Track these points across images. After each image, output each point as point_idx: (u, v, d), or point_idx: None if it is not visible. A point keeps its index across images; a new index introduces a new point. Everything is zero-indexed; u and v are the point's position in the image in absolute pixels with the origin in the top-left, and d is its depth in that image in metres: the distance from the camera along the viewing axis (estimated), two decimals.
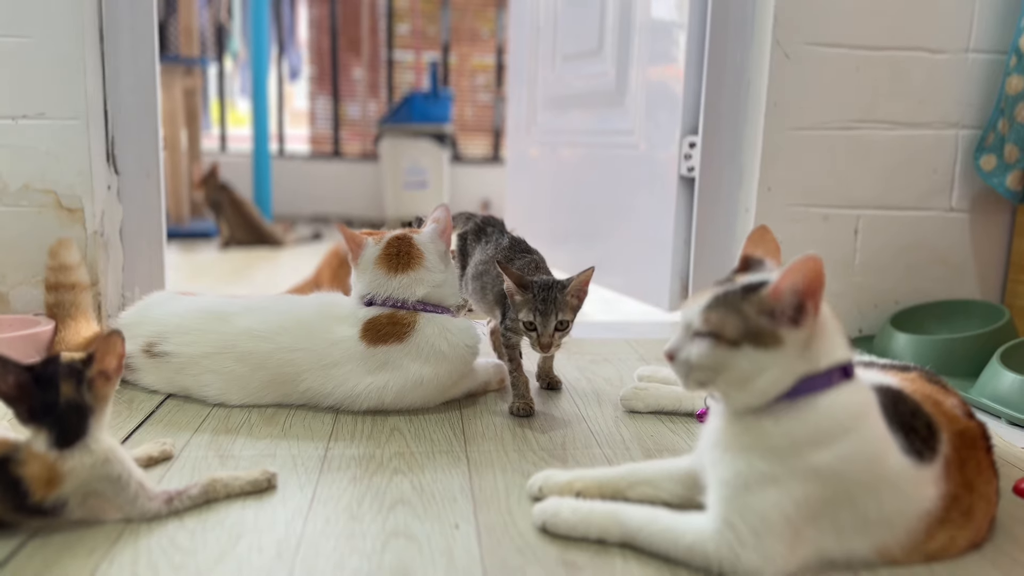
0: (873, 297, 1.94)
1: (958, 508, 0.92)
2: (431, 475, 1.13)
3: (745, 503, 0.86)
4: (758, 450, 0.87)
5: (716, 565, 0.87)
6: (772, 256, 0.99)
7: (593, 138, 2.58)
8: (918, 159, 1.90)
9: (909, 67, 1.86)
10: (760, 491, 0.86)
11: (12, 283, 1.78)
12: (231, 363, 1.38)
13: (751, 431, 0.88)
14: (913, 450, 0.89)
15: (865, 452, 0.87)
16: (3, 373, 0.90)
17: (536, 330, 1.32)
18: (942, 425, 0.94)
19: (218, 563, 0.89)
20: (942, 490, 0.90)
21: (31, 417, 0.92)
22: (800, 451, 0.86)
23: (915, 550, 0.91)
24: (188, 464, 1.16)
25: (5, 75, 1.72)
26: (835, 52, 1.83)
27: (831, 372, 0.87)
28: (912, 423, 0.92)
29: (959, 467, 0.92)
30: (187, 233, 4.42)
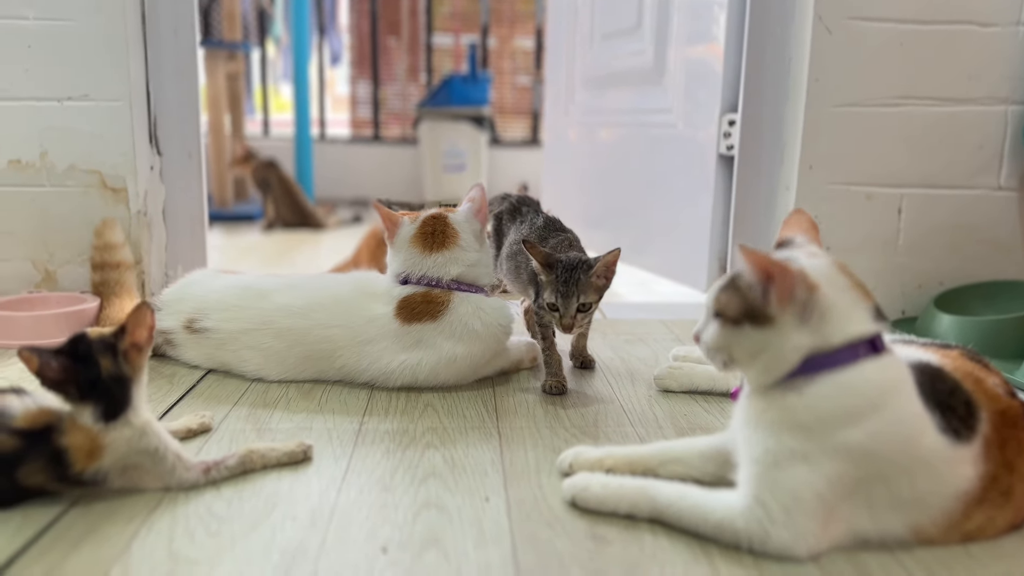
0: (917, 278, 1.90)
1: (997, 488, 0.90)
2: (463, 450, 1.14)
3: (775, 480, 0.85)
4: (786, 426, 0.86)
5: (746, 542, 0.86)
6: (809, 234, 0.98)
7: (631, 117, 2.56)
8: (965, 136, 1.84)
9: (957, 41, 1.80)
10: (790, 468, 0.85)
11: (60, 261, 1.84)
12: (269, 339, 1.41)
13: (777, 407, 0.88)
14: (950, 428, 0.87)
15: (897, 430, 0.85)
16: (45, 361, 0.93)
17: (558, 311, 1.31)
18: (982, 404, 0.92)
19: (253, 530, 0.91)
20: (980, 470, 0.88)
21: (81, 396, 0.95)
22: (828, 428, 0.85)
23: (951, 530, 0.89)
24: (226, 436, 1.18)
25: (51, 58, 1.76)
26: (879, 27, 1.79)
27: (853, 347, 0.86)
28: (950, 401, 0.90)
29: (999, 447, 0.90)
30: (231, 216, 4.49)
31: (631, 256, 2.53)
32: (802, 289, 0.86)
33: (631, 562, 0.86)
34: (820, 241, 0.98)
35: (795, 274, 0.85)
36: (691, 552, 0.88)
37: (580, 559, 0.86)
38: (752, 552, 0.87)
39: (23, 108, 1.78)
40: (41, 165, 1.80)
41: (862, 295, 0.90)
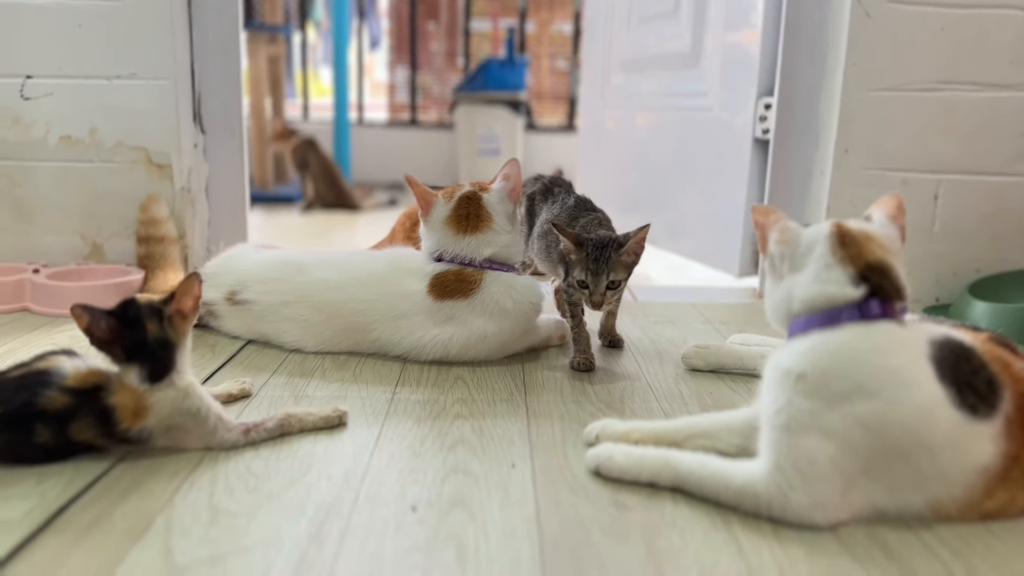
0: (952, 265, 1.89)
1: (1020, 468, 0.90)
2: (491, 420, 1.18)
3: (792, 445, 0.87)
4: (797, 382, 0.89)
5: (766, 507, 0.89)
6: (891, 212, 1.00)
7: (666, 101, 2.56)
8: (1004, 122, 1.82)
9: (998, 26, 1.78)
10: (805, 433, 0.87)
11: (107, 235, 1.90)
12: (307, 312, 1.45)
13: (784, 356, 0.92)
14: (967, 405, 0.88)
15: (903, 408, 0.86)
16: (95, 320, 0.98)
17: (588, 288, 1.33)
18: (1007, 385, 0.92)
19: (289, 488, 0.95)
20: (1000, 447, 0.89)
21: (127, 357, 0.99)
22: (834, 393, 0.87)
23: (971, 508, 0.90)
24: (265, 402, 1.23)
25: (100, 37, 1.82)
26: (919, 10, 1.77)
27: (833, 312, 0.91)
28: (972, 379, 0.90)
29: (1021, 426, 0.91)
30: (271, 197, 4.56)
31: (665, 241, 2.54)
32: (775, 241, 0.96)
33: (651, 528, 0.88)
34: (902, 220, 0.99)
35: (771, 226, 0.97)
36: (711, 520, 0.90)
37: (602, 523, 0.89)
38: (772, 518, 0.89)
39: (74, 86, 1.84)
40: (90, 141, 1.87)
41: (842, 260, 0.92)
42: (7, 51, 1.82)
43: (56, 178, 1.88)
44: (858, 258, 0.92)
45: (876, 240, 0.93)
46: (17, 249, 1.90)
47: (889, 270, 0.92)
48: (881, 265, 0.92)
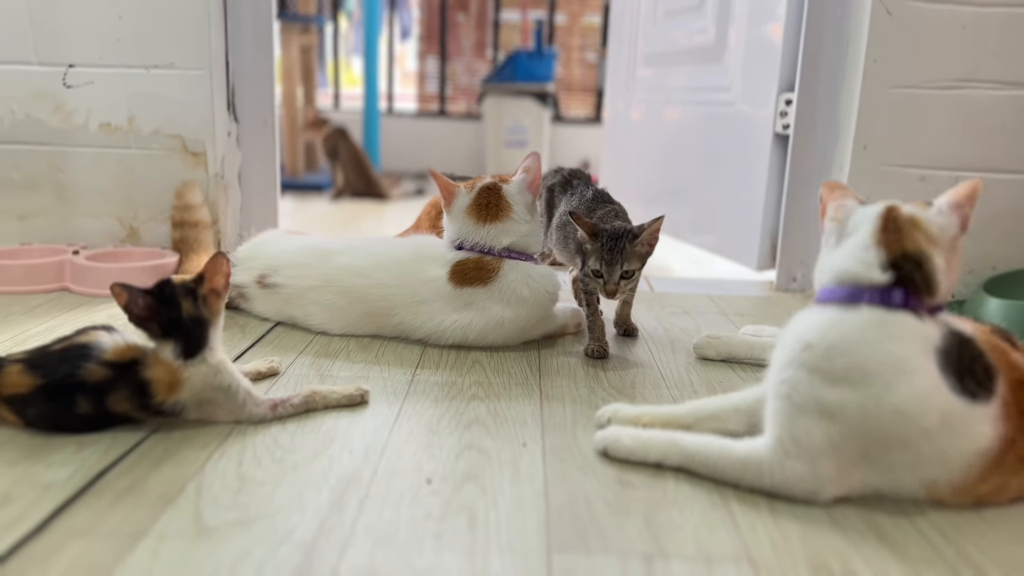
0: (969, 262, 1.90)
1: (1015, 452, 0.93)
2: (505, 402, 1.23)
3: (792, 417, 0.92)
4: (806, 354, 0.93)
5: (768, 477, 0.93)
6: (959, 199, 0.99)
7: (690, 95, 2.59)
8: None
9: (1021, 24, 1.79)
10: (809, 412, 0.91)
11: (143, 219, 1.98)
12: (333, 296, 1.51)
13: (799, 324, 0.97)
14: (967, 392, 0.91)
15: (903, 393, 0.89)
16: (133, 298, 1.04)
17: (602, 277, 1.38)
18: (1002, 371, 0.95)
19: (313, 460, 1.01)
20: (997, 430, 0.92)
21: (163, 333, 1.05)
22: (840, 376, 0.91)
23: (965, 492, 0.93)
24: (292, 380, 1.29)
25: (138, 29, 1.89)
26: (941, 8, 1.79)
27: (856, 290, 0.94)
28: (972, 366, 0.93)
29: (1018, 411, 0.94)
30: (301, 185, 4.64)
31: (688, 234, 2.57)
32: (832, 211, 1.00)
33: (653, 504, 0.93)
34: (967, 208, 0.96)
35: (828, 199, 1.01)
36: (710, 499, 0.94)
37: (606, 498, 0.93)
38: (772, 488, 0.93)
39: (114, 75, 1.91)
40: (128, 129, 1.94)
41: (879, 243, 0.93)
42: (51, 41, 1.89)
43: (95, 164, 1.96)
44: (895, 244, 0.93)
45: (923, 228, 0.93)
46: (58, 231, 1.98)
47: (926, 261, 0.92)
48: (918, 255, 0.92)
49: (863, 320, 0.92)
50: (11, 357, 1.08)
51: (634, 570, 0.80)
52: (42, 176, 1.96)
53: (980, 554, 0.85)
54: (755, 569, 0.81)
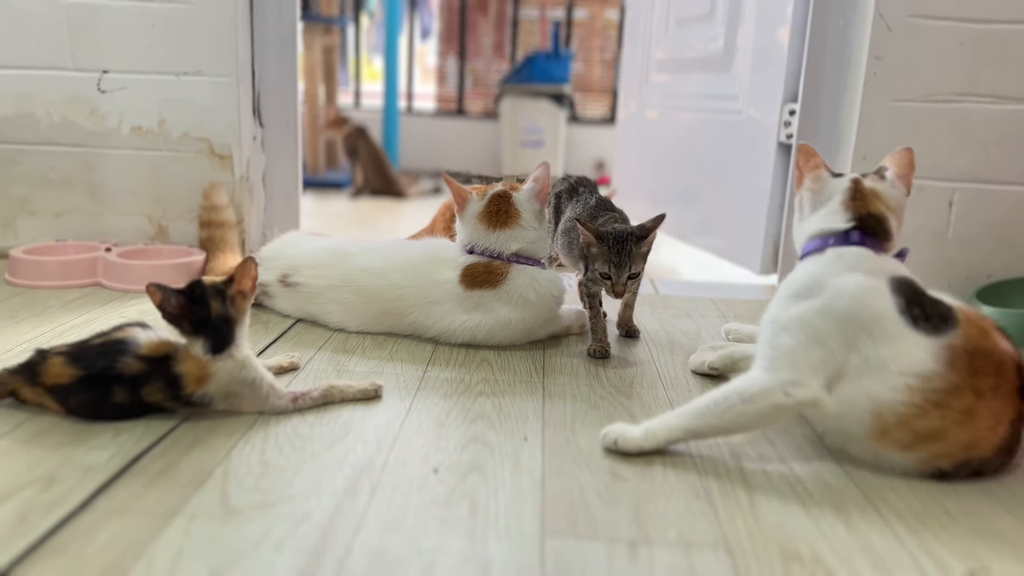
0: (965, 270, 1.96)
1: (959, 401, 1.02)
2: (510, 399, 1.31)
3: (774, 337, 1.10)
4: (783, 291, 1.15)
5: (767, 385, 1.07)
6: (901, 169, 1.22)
7: (700, 102, 2.65)
8: (1021, 134, 1.89)
9: (1019, 41, 1.84)
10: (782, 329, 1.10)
11: (172, 218, 2.08)
12: (350, 295, 1.60)
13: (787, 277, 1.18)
14: (909, 313, 1.05)
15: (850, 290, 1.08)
16: (166, 297, 1.13)
17: (611, 279, 1.45)
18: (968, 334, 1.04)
19: (330, 448, 1.09)
20: (941, 369, 1.02)
21: (193, 330, 1.14)
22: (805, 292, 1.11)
23: (905, 424, 1.03)
24: (311, 374, 1.38)
25: (169, 37, 1.98)
26: (940, 25, 1.85)
27: (826, 237, 1.16)
28: (924, 304, 1.07)
29: (970, 369, 1.02)
30: (322, 183, 4.74)
31: (695, 237, 2.64)
32: (810, 181, 1.22)
33: (641, 495, 1.01)
34: (910, 177, 1.22)
35: (805, 168, 1.22)
36: (694, 490, 1.02)
37: (598, 489, 1.02)
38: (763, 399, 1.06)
39: (146, 81, 2.01)
40: (159, 132, 2.04)
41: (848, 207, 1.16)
42: (87, 48, 1.99)
43: (127, 165, 2.06)
44: (861, 207, 1.16)
45: (882, 197, 1.17)
46: (91, 229, 2.09)
47: (883, 219, 1.16)
48: (877, 215, 1.16)
49: (826, 256, 1.14)
50: (54, 350, 1.17)
51: (619, 554, 0.88)
52: (76, 176, 2.06)
53: (940, 545, 0.93)
54: (731, 555, 0.89)
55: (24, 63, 2.00)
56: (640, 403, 1.32)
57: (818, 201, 1.21)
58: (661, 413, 1.24)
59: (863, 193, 1.17)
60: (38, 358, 1.16)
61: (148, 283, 1.13)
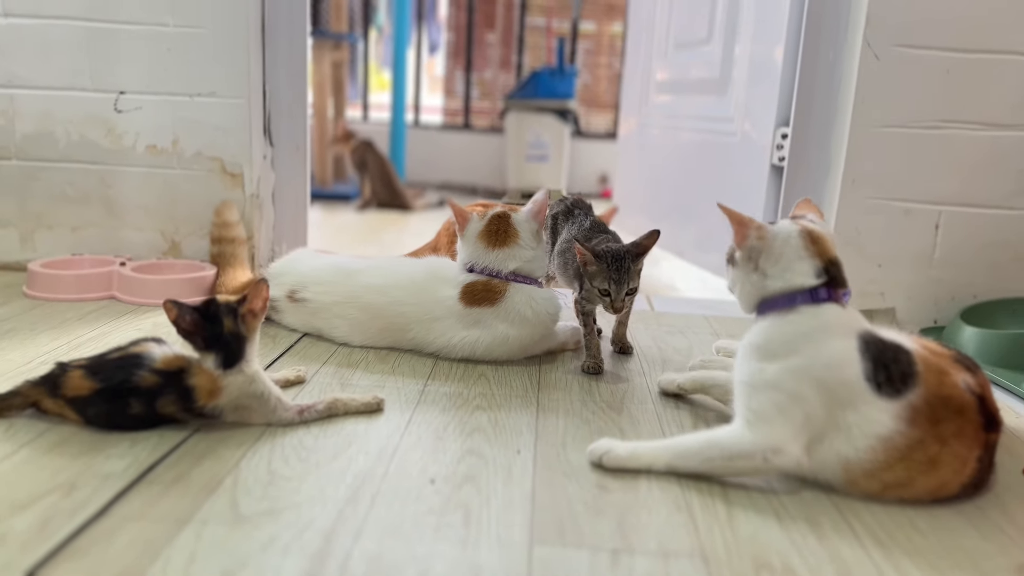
0: (951, 290, 2.02)
1: (923, 452, 1.08)
2: (506, 413, 1.37)
3: (752, 397, 1.12)
4: (755, 350, 1.15)
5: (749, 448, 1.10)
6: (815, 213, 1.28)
7: (697, 123, 2.72)
8: (1005, 159, 1.95)
9: (1002, 71, 1.91)
10: (760, 388, 1.12)
11: (184, 234, 2.15)
12: (355, 311, 1.67)
13: (751, 333, 1.18)
14: (874, 379, 1.09)
15: (826, 359, 1.10)
16: (181, 314, 1.19)
17: (610, 295, 1.52)
18: (928, 384, 1.09)
19: (333, 459, 1.16)
20: (902, 427, 1.07)
21: (206, 346, 1.21)
22: (780, 354, 1.12)
23: (873, 476, 1.09)
24: (317, 387, 1.45)
25: (184, 59, 2.06)
26: (925, 54, 1.91)
27: (793, 295, 1.14)
28: (888, 365, 1.10)
29: (930, 420, 1.08)
30: (330, 195, 4.82)
31: (692, 254, 2.71)
32: (754, 238, 1.17)
33: (625, 507, 1.07)
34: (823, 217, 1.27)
35: (751, 226, 1.17)
36: (675, 503, 1.08)
37: (584, 500, 1.08)
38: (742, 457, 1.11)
39: (161, 101, 2.09)
40: (173, 151, 2.12)
41: (812, 255, 1.15)
42: (105, 70, 2.07)
43: (142, 182, 2.13)
44: (823, 254, 1.16)
45: (829, 239, 1.18)
46: (106, 243, 2.16)
47: (839, 264, 1.17)
48: (835, 260, 1.17)
49: (798, 317, 1.14)
50: (73, 363, 1.24)
51: (602, 562, 0.94)
52: (93, 192, 2.14)
53: (906, 559, 0.98)
54: (707, 564, 0.95)
55: (45, 84, 2.08)
56: (630, 419, 1.38)
57: (771, 255, 1.17)
58: (649, 428, 1.31)
59: (815, 237, 1.16)
60: (59, 371, 1.23)
61: (165, 299, 1.19)
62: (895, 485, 1.10)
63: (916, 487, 1.10)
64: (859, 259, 2.01)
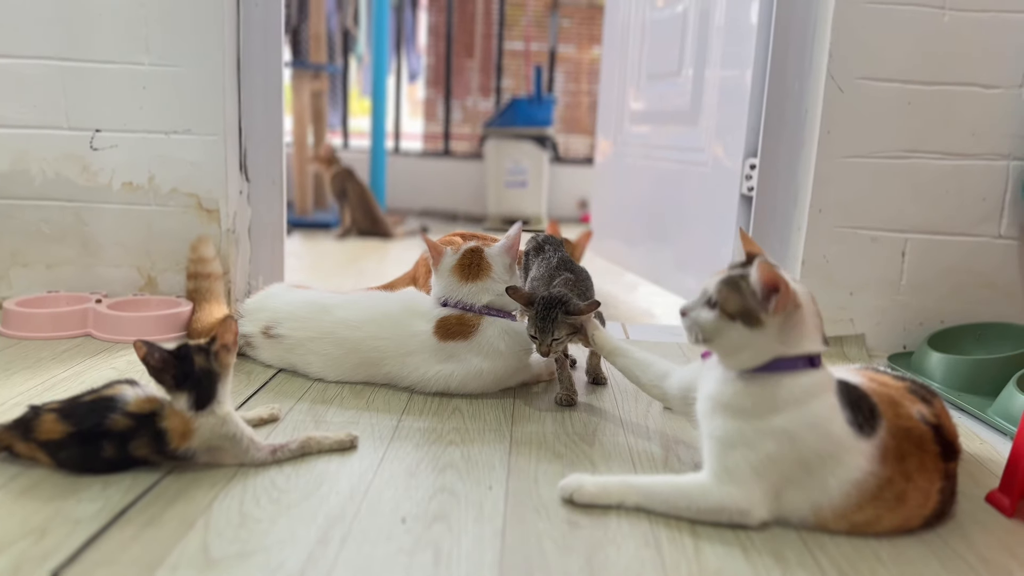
0: (919, 316, 2.06)
1: (892, 491, 1.10)
2: (479, 447, 1.39)
3: (725, 455, 1.11)
4: (734, 409, 1.12)
5: (716, 505, 1.11)
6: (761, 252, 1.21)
7: (670, 153, 2.77)
8: (968, 188, 2.00)
9: (961, 101, 1.96)
10: (735, 446, 1.11)
11: (160, 269, 2.16)
12: (329, 347, 1.68)
13: (731, 390, 1.13)
14: (855, 422, 1.10)
15: (812, 420, 1.09)
16: (151, 352, 1.20)
17: (536, 340, 1.53)
18: (887, 417, 1.12)
19: (305, 499, 1.17)
20: (875, 469, 1.09)
21: (176, 384, 1.21)
22: (762, 413, 1.10)
23: (842, 518, 1.11)
24: (291, 425, 1.46)
25: (161, 98, 2.08)
26: (887, 86, 1.96)
27: (799, 359, 1.11)
28: (858, 403, 1.12)
29: (897, 456, 1.10)
30: (310, 224, 4.83)
31: (667, 279, 2.74)
32: (793, 306, 1.10)
33: (594, 543, 1.08)
34: None
35: (793, 293, 1.10)
36: (644, 538, 1.10)
37: (554, 537, 1.09)
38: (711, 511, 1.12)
39: (136, 139, 2.10)
40: (149, 187, 2.13)
41: (818, 319, 1.14)
42: (81, 108, 2.09)
43: (118, 218, 2.14)
44: (821, 320, 1.16)
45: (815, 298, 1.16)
46: (82, 280, 2.16)
47: None
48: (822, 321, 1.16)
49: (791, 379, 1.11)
50: (47, 407, 1.24)
51: None
52: (69, 229, 2.14)
53: None
54: None
55: (21, 122, 2.09)
56: (602, 451, 1.40)
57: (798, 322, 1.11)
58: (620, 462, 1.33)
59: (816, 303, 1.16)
60: (31, 414, 1.23)
61: (136, 340, 1.20)
62: (863, 524, 1.12)
63: (883, 524, 1.12)
64: (829, 286, 2.05)
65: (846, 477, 1.09)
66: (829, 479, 1.10)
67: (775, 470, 1.10)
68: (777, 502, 1.12)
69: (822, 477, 1.10)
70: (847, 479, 1.09)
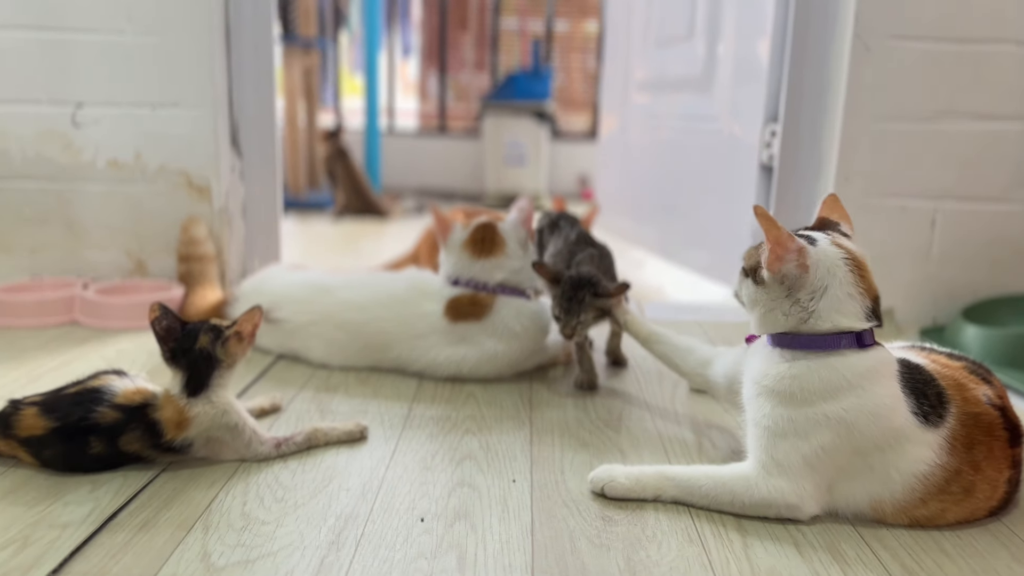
0: (949, 288, 1.96)
1: (960, 483, 1.00)
2: (497, 436, 1.29)
3: (773, 445, 1.01)
4: (779, 395, 1.01)
5: (756, 492, 1.02)
6: (845, 221, 1.11)
7: (681, 122, 2.65)
8: (1001, 151, 1.89)
9: (995, 60, 1.85)
10: (784, 436, 1.00)
11: (150, 252, 2.04)
12: (333, 330, 1.57)
13: (773, 374, 1.03)
14: (920, 411, 1.00)
15: (871, 408, 0.98)
16: (159, 318, 1.12)
17: (560, 321, 1.43)
18: (955, 403, 1.02)
19: (312, 498, 1.07)
20: (942, 460, 0.99)
21: (171, 357, 1.13)
22: (811, 400, 0.99)
23: (904, 512, 1.01)
24: (294, 415, 1.35)
25: (145, 69, 1.95)
26: (917, 46, 1.85)
27: (837, 336, 1.00)
28: (925, 390, 1.02)
29: (966, 445, 1.00)
30: (304, 204, 4.71)
31: (679, 253, 2.64)
32: (792, 264, 0.99)
33: (633, 540, 0.99)
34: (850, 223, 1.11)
35: (791, 249, 0.99)
36: (687, 534, 1.00)
37: (589, 535, 0.99)
38: (758, 505, 1.02)
39: (121, 114, 1.98)
40: (135, 165, 2.01)
41: (862, 293, 1.00)
42: (61, 82, 1.96)
43: (103, 199, 2.02)
44: (870, 291, 1.02)
45: (869, 267, 1.03)
46: (67, 264, 2.05)
47: (879, 300, 1.04)
48: (878, 296, 1.03)
49: (841, 361, 1.00)
50: (27, 400, 1.14)
51: None
52: (52, 211, 2.02)
53: None
54: None
55: None
56: (630, 438, 1.30)
57: (814, 288, 1.00)
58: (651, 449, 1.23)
59: (862, 266, 1.02)
60: (11, 409, 1.14)
61: (153, 303, 1.13)
62: (926, 519, 1.02)
63: (947, 518, 1.03)
64: None
65: (910, 470, 1.00)
66: (891, 471, 1.00)
67: (829, 462, 1.00)
68: (830, 495, 1.03)
69: (883, 470, 1.00)
70: (911, 472, 1.00)
